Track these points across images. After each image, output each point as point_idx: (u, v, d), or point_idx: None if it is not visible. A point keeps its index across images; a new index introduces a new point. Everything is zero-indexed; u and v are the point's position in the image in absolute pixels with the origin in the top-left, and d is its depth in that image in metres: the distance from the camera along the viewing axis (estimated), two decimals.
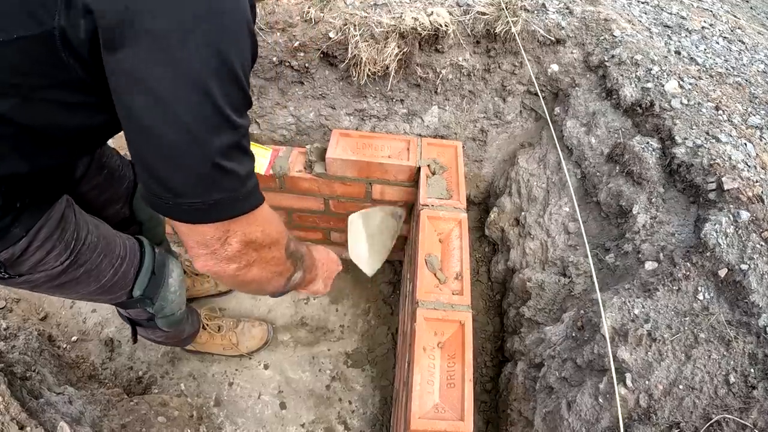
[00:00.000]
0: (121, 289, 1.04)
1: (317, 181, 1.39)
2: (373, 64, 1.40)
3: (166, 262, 1.11)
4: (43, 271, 0.85)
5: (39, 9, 0.52)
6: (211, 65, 0.52)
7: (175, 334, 1.29)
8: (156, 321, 1.15)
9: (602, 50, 1.45)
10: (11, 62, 0.56)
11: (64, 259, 0.87)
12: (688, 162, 1.18)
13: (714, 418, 0.90)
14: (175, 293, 1.13)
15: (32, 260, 0.82)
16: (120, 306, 1.14)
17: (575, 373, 1.12)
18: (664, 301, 1.05)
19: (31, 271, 0.84)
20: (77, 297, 1.02)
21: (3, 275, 0.82)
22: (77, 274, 0.91)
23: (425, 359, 1.04)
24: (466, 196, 1.36)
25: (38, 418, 1.09)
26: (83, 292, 0.98)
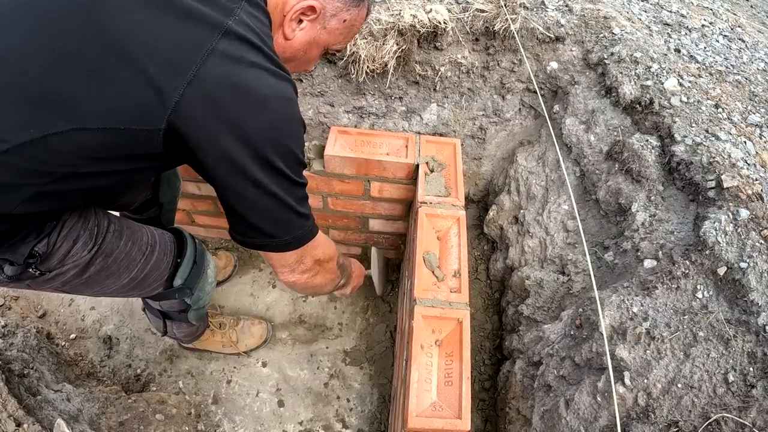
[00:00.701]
0: (156, 281, 1.04)
1: (315, 179, 1.38)
2: (372, 62, 1.39)
3: (205, 254, 1.14)
4: (72, 263, 0.86)
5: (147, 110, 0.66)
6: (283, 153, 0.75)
7: (195, 330, 1.32)
8: (188, 313, 1.16)
9: (602, 48, 1.44)
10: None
11: (90, 246, 0.88)
12: (688, 160, 1.17)
13: (713, 417, 0.90)
14: (212, 284, 1.18)
15: (61, 252, 0.83)
16: (154, 298, 1.14)
17: (573, 371, 1.11)
18: (662, 300, 1.04)
19: (60, 264, 0.84)
20: (111, 293, 1.01)
21: (35, 272, 0.82)
22: (107, 263, 0.92)
23: (423, 357, 1.04)
24: (465, 194, 1.35)
25: (35, 415, 1.09)
26: (115, 286, 0.98)
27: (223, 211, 0.82)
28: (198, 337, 1.43)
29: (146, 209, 1.30)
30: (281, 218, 0.81)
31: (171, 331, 1.31)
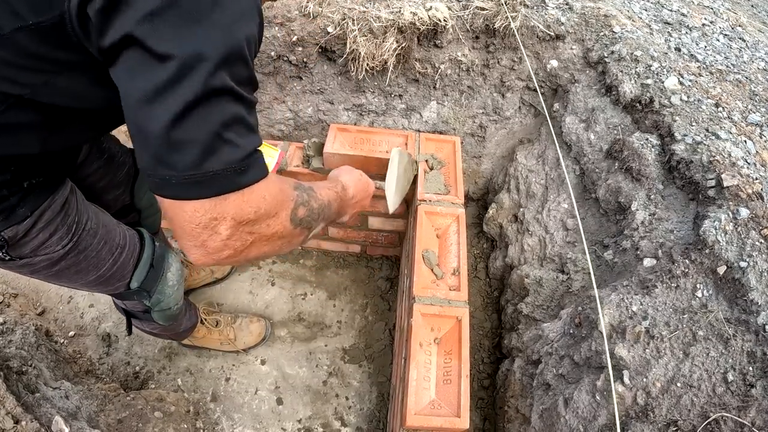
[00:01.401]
0: (119, 281, 1.02)
1: (315, 176, 1.37)
2: (372, 59, 1.38)
3: (165, 256, 1.09)
4: (44, 255, 0.84)
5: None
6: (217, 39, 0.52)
7: (171, 328, 1.28)
8: (152, 314, 1.13)
9: (602, 46, 1.43)
10: (29, 47, 0.56)
11: (66, 242, 0.85)
12: (688, 159, 1.17)
13: (712, 416, 0.89)
14: (173, 287, 1.12)
15: (35, 242, 0.81)
16: (117, 297, 1.13)
17: (573, 370, 1.10)
18: (662, 298, 1.04)
19: (33, 254, 0.82)
20: (75, 286, 1.00)
21: (3, 256, 0.80)
22: (78, 259, 0.90)
23: (422, 355, 1.03)
24: (465, 192, 1.34)
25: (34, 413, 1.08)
26: (81, 282, 0.97)
27: None
28: (187, 333, 1.39)
29: (125, 215, 1.21)
30: (195, 138, 0.53)
31: (141, 328, 1.26)
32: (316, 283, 1.64)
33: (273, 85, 1.51)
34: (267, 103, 1.54)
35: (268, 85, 1.52)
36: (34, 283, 1.67)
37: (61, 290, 1.65)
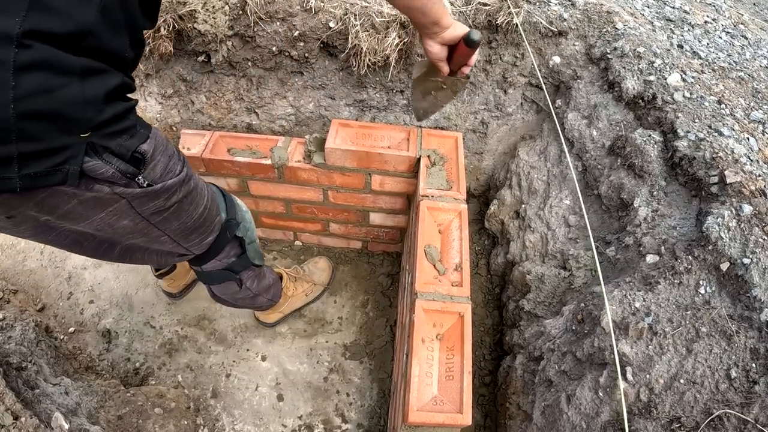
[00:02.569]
0: (216, 215, 1.00)
1: (316, 172, 1.36)
2: (374, 55, 1.37)
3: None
4: (170, 180, 0.80)
5: None
6: None
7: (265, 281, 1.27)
8: (247, 252, 1.11)
9: (604, 42, 1.42)
10: None
11: (180, 166, 0.83)
12: (690, 155, 1.16)
13: (715, 413, 0.88)
14: (247, 212, 1.12)
15: (160, 165, 0.78)
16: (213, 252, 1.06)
17: (575, 366, 1.10)
18: (665, 295, 1.03)
19: (162, 179, 0.79)
20: (183, 230, 0.93)
21: (142, 182, 0.74)
22: (190, 187, 0.87)
23: (424, 351, 1.02)
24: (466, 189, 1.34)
25: (33, 409, 1.07)
26: (194, 215, 0.92)
27: None
28: (280, 291, 1.38)
29: None
30: None
31: (254, 289, 1.23)
32: None
33: (274, 80, 1.50)
34: (268, 98, 1.53)
35: (269, 80, 1.50)
36: (34, 279, 1.66)
37: (61, 286, 1.64)
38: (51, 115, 0.59)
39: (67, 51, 0.58)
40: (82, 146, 0.64)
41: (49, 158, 0.61)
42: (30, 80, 0.55)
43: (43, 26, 0.54)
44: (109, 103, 0.66)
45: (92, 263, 1.69)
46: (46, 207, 0.69)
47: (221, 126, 1.62)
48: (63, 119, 0.60)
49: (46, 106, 0.58)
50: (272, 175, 1.39)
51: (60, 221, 0.75)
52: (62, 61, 0.57)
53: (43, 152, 0.61)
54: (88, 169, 0.66)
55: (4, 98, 0.54)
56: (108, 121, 0.66)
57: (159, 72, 1.55)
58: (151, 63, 1.52)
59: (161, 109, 1.63)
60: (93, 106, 0.63)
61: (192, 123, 1.62)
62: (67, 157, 0.63)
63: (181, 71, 1.52)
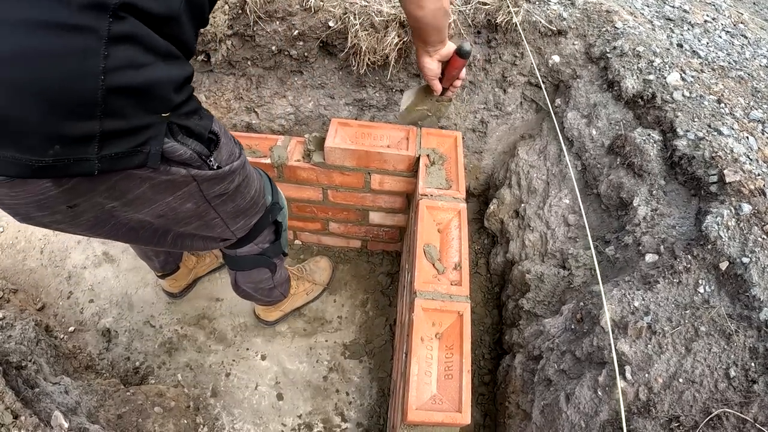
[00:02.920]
0: (262, 197, 1.01)
1: (315, 171, 1.36)
2: (373, 54, 1.37)
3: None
4: (233, 162, 0.80)
5: None
6: None
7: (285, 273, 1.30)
8: (281, 239, 1.13)
9: (604, 42, 1.42)
10: None
11: (238, 149, 0.84)
12: (690, 154, 1.16)
13: (714, 412, 0.88)
14: (283, 196, 1.14)
15: (226, 148, 0.78)
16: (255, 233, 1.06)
17: (574, 365, 1.10)
18: (664, 294, 1.03)
19: (227, 161, 0.79)
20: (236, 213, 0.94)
21: (212, 164, 0.74)
22: (247, 171, 0.88)
23: (423, 350, 1.02)
24: (466, 188, 1.34)
25: (33, 408, 1.07)
26: (248, 197, 0.93)
27: None
28: (288, 288, 1.40)
29: None
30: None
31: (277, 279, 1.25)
32: None
33: (274, 79, 1.50)
34: (268, 97, 1.53)
35: (268, 79, 1.50)
36: (34, 279, 1.66)
37: (60, 286, 1.64)
38: (138, 90, 0.58)
39: (159, 33, 0.59)
40: (163, 126, 0.63)
41: (132, 137, 0.60)
42: (121, 53, 0.54)
43: (139, 2, 0.54)
44: (186, 86, 0.67)
45: (92, 262, 1.69)
46: (117, 191, 0.67)
47: None
48: (148, 97, 0.60)
49: (137, 81, 0.57)
50: (272, 174, 1.39)
51: (125, 208, 0.73)
52: (152, 40, 0.58)
53: (126, 131, 0.59)
54: (167, 151, 0.66)
55: (94, 68, 0.52)
56: (185, 102, 0.67)
57: None
58: None
59: None
60: (176, 87, 0.64)
61: None
62: (149, 137, 0.62)
63: None
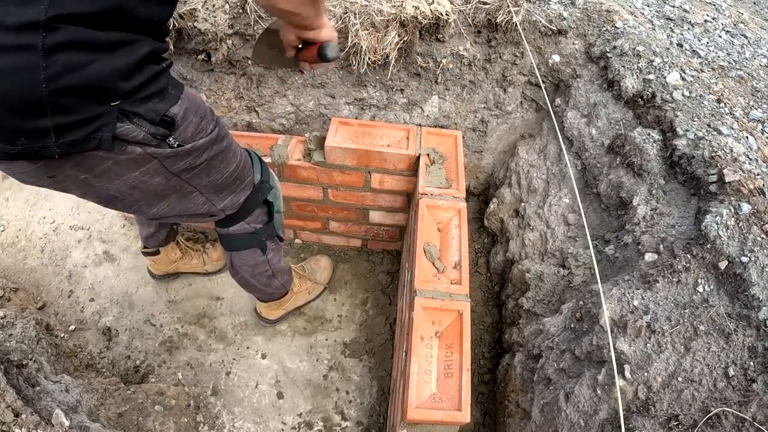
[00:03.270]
0: (248, 175, 1.04)
1: (316, 170, 1.36)
2: (373, 53, 1.37)
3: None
4: (201, 139, 0.84)
5: None
6: None
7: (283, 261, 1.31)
8: (274, 221, 1.15)
9: (604, 41, 1.43)
10: None
11: (213, 125, 0.87)
12: (689, 154, 1.16)
13: (713, 411, 0.89)
14: (278, 181, 1.16)
15: (191, 126, 0.82)
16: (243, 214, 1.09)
17: (573, 364, 1.10)
18: (663, 293, 1.03)
19: (193, 138, 0.83)
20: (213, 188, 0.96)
21: (173, 143, 0.79)
22: (222, 146, 0.91)
23: (423, 348, 1.02)
24: (466, 187, 1.34)
25: (34, 406, 1.07)
26: (225, 173, 0.96)
27: None
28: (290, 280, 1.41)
29: None
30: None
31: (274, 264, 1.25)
32: None
33: (274, 78, 1.50)
34: (268, 96, 1.53)
35: (269, 78, 1.50)
36: (35, 278, 1.66)
37: (61, 284, 1.65)
38: (82, 89, 0.64)
39: (97, 28, 0.63)
40: (113, 114, 0.69)
41: (84, 127, 0.67)
42: (59, 60, 0.61)
43: (67, 10, 0.60)
44: (139, 70, 0.71)
45: (92, 261, 1.69)
46: (85, 167, 0.75)
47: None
48: (94, 91, 0.66)
49: (77, 82, 0.63)
50: None
51: (97, 180, 0.79)
52: (90, 39, 0.63)
53: (78, 122, 0.66)
54: (121, 134, 0.71)
55: (35, 79, 0.60)
56: (138, 88, 0.71)
57: None
58: None
59: None
60: (123, 75, 0.68)
61: None
62: (101, 125, 0.69)
63: (181, 70, 1.52)
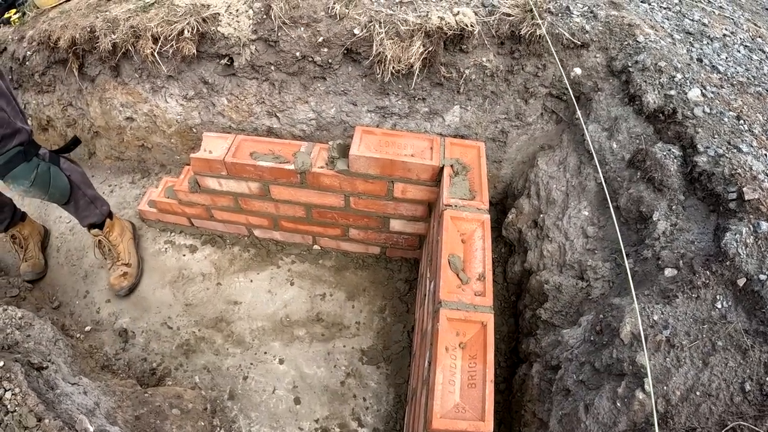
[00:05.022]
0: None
1: (339, 178, 1.41)
2: (398, 62, 1.42)
3: None
4: None
5: None
6: None
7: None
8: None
9: (626, 55, 1.48)
10: None
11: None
12: (710, 171, 1.21)
13: (729, 425, 0.94)
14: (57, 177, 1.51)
15: None
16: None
17: (593, 376, 1.15)
18: (683, 308, 1.08)
19: None
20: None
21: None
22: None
23: (447, 359, 1.08)
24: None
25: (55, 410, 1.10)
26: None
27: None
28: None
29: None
30: None
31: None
32: (335, 284, 1.69)
33: (297, 85, 1.55)
34: (290, 102, 1.58)
35: (291, 84, 1.55)
36: (50, 277, 1.70)
37: (77, 285, 1.69)
38: None
39: None
40: None
41: None
42: None
43: None
44: None
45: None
46: None
47: (241, 129, 1.66)
48: None
49: None
50: (294, 180, 1.44)
51: None
52: None
53: None
54: None
55: None
56: None
57: (180, 74, 1.59)
58: (173, 65, 1.56)
59: (182, 111, 1.67)
60: None
61: (212, 125, 1.67)
62: None
63: (203, 73, 1.57)
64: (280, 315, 1.61)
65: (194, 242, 1.77)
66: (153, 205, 1.72)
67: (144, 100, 1.68)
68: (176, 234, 1.79)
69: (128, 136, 1.84)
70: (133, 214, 1.85)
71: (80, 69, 1.67)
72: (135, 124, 1.78)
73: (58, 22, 1.60)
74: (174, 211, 1.70)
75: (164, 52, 1.51)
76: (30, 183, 1.45)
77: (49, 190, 1.49)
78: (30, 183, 1.45)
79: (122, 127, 1.80)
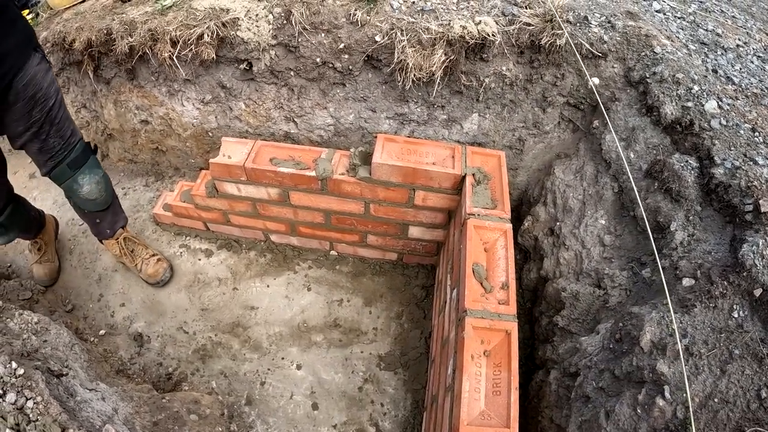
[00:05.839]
0: None
1: (360, 185, 1.45)
2: (419, 70, 1.46)
3: None
4: None
5: None
6: None
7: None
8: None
9: (643, 66, 1.53)
10: None
11: None
12: (726, 183, 1.27)
13: (746, 431, 0.99)
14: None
15: None
16: None
17: (613, 383, 1.21)
18: (701, 318, 1.14)
19: None
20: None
21: None
22: None
23: (473, 367, 1.12)
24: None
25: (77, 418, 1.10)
26: None
27: None
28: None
29: None
30: None
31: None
32: (353, 290, 1.73)
33: (316, 90, 1.58)
34: (309, 108, 1.61)
35: (311, 90, 1.58)
36: (64, 280, 1.73)
37: (91, 288, 1.71)
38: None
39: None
40: None
41: None
42: None
43: None
44: None
45: (123, 265, 1.75)
46: None
47: (258, 133, 1.70)
48: None
49: None
50: (315, 187, 1.48)
51: None
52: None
53: None
54: None
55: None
56: None
57: (198, 78, 1.62)
58: (191, 69, 1.59)
59: (198, 115, 1.70)
60: None
61: (229, 129, 1.70)
62: None
63: (221, 78, 1.60)
64: (298, 320, 1.65)
65: (210, 246, 1.80)
66: (168, 208, 1.75)
67: (160, 103, 1.71)
68: (191, 238, 1.82)
69: (142, 139, 1.86)
70: (147, 217, 1.88)
71: (95, 71, 1.69)
72: (150, 127, 1.81)
73: (73, 24, 1.62)
74: (190, 216, 1.73)
75: (182, 55, 1.53)
76: (103, 172, 1.50)
77: (108, 187, 1.53)
78: (103, 172, 1.50)
79: (137, 130, 1.83)
